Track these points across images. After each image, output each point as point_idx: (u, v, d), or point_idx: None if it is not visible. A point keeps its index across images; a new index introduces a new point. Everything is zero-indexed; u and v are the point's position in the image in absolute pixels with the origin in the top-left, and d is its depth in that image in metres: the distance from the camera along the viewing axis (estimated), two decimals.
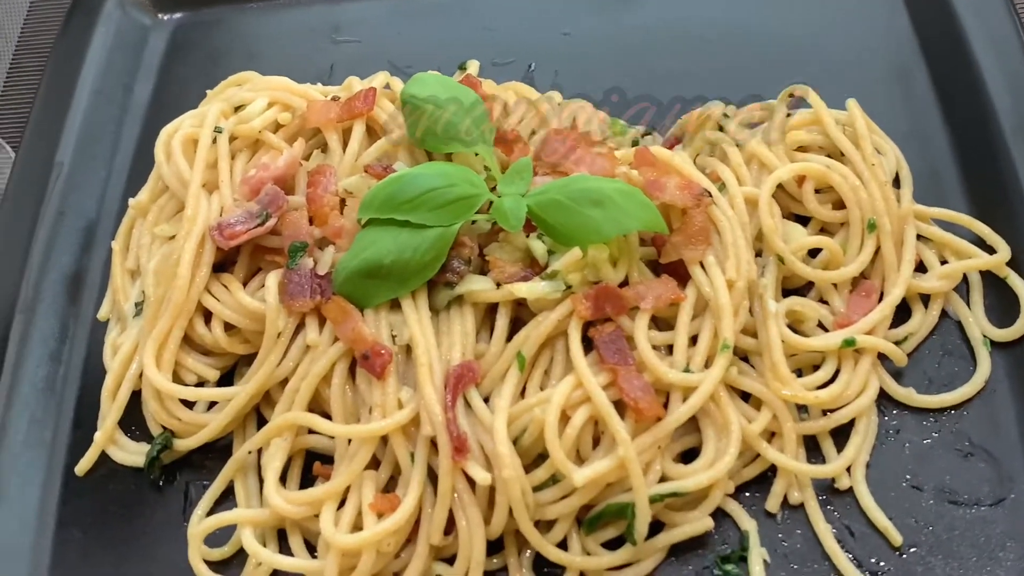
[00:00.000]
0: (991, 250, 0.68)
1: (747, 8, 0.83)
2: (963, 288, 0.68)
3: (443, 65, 0.79)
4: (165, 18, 0.88)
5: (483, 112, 0.68)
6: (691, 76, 0.78)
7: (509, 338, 0.63)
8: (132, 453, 0.67)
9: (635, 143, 0.73)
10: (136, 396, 0.67)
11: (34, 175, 0.77)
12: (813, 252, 0.68)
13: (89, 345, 0.71)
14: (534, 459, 0.61)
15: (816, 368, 0.65)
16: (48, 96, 0.81)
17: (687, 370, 0.62)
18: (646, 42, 0.82)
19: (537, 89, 0.78)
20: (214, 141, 0.71)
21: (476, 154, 0.67)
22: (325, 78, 0.81)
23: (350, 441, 0.62)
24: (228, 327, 0.67)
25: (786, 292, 0.67)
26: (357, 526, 0.60)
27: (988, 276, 0.68)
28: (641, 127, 0.75)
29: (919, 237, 0.68)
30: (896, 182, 0.71)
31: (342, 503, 0.61)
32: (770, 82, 0.75)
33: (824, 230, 0.69)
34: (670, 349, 0.63)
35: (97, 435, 0.66)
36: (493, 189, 0.65)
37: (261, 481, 0.64)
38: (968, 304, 0.67)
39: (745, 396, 0.64)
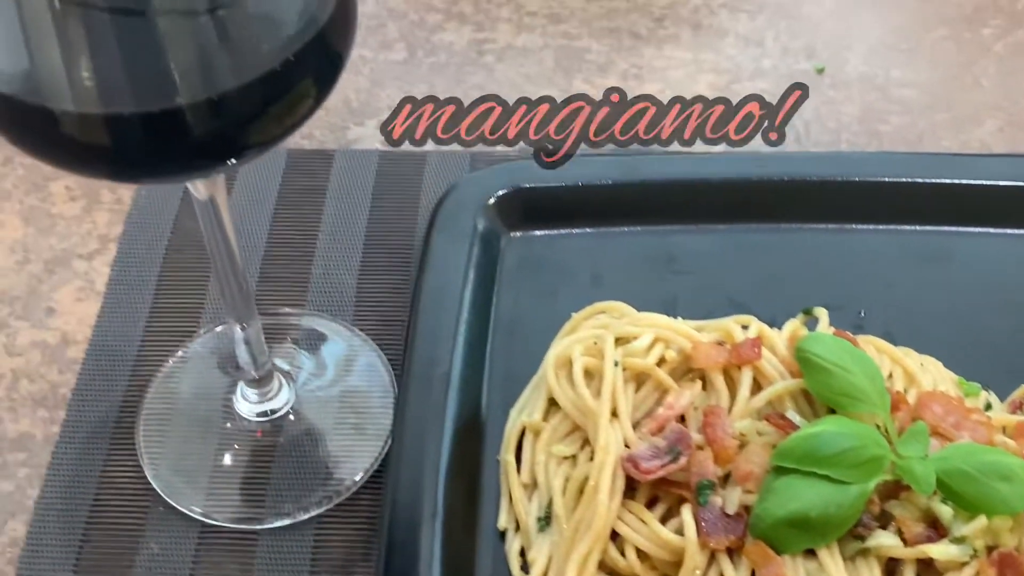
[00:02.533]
0: None
1: None
2: None
3: (778, 304, 0.87)
4: (514, 235, 0.96)
5: (881, 377, 0.76)
6: (1016, 336, 0.87)
7: None
8: None
9: (988, 406, 0.81)
10: None
11: (422, 383, 0.84)
12: None
13: (492, 550, 0.77)
14: None
15: None
16: (421, 306, 0.88)
17: None
18: (961, 299, 0.90)
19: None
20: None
21: (871, 413, 0.75)
22: (670, 309, 0.88)
23: None
24: (640, 553, 0.74)
25: None
26: None
27: None
28: (989, 390, 0.83)
29: None
30: None
31: None
32: None
33: None
34: None
35: None
36: (891, 449, 0.73)
37: None
38: None
39: None
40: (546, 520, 0.77)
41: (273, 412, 0.85)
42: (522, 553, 0.77)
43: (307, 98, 0.61)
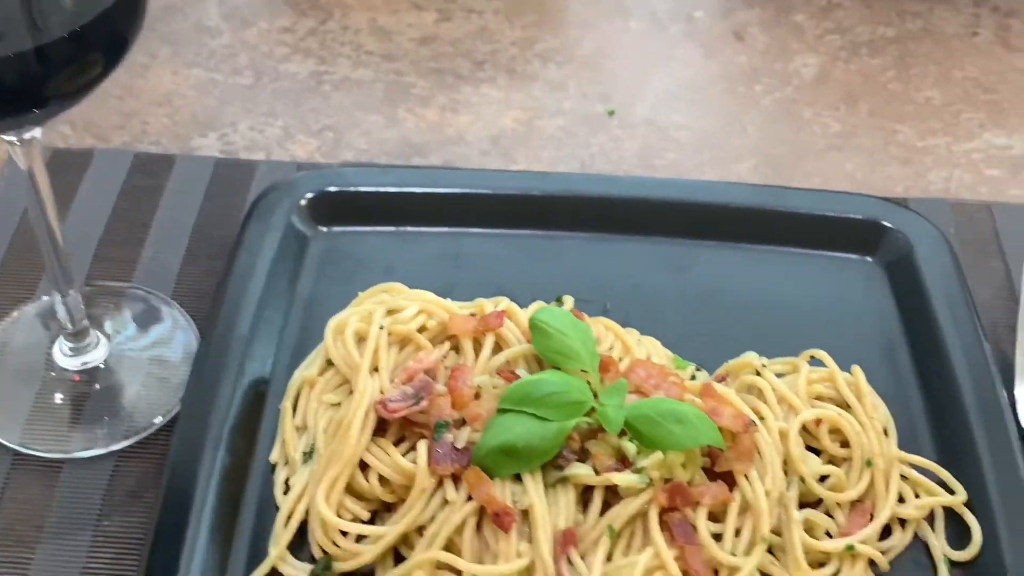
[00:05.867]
0: (951, 491, 0.91)
1: (771, 285, 1.07)
2: (931, 518, 0.91)
3: (539, 294, 1.02)
4: (322, 230, 1.10)
5: (593, 341, 0.91)
6: (726, 330, 1.03)
7: (602, 513, 0.84)
8: (298, 570, 0.85)
9: (692, 377, 0.96)
10: (301, 525, 0.87)
11: (220, 344, 0.97)
12: (823, 477, 0.90)
13: (262, 481, 0.91)
14: None
15: (822, 565, 0.86)
16: (230, 281, 1.02)
17: (733, 554, 0.83)
18: (694, 299, 1.06)
19: None
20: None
21: (583, 371, 0.90)
22: (447, 293, 1.03)
23: None
24: (381, 479, 0.87)
25: (802, 505, 0.89)
26: None
27: (948, 511, 0.91)
28: (695, 364, 0.98)
29: (901, 476, 0.92)
30: (884, 432, 0.95)
31: None
32: (789, 342, 0.99)
33: (831, 462, 0.92)
34: (718, 537, 0.85)
35: (272, 552, 0.85)
36: (596, 399, 0.88)
37: None
38: (933, 530, 0.90)
39: None
40: (309, 454, 0.90)
41: (89, 364, 0.98)
42: (287, 484, 0.90)
43: (93, 67, 0.75)
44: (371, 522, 0.87)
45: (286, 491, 0.90)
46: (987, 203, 1.18)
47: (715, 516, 0.86)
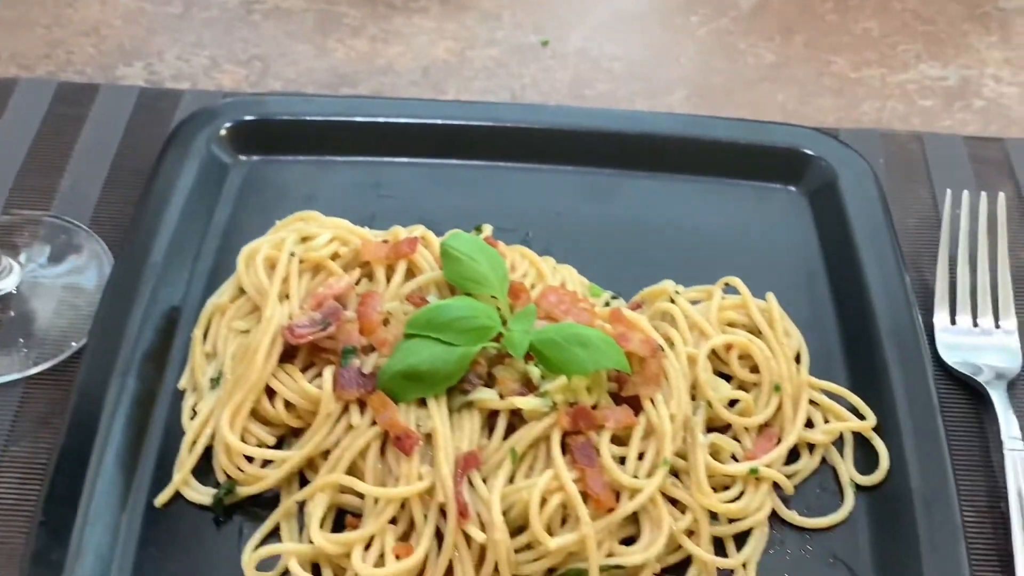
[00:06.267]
0: (862, 417, 0.92)
1: (695, 214, 1.07)
2: (839, 443, 0.91)
3: (461, 223, 1.01)
4: (243, 159, 1.09)
5: (503, 267, 0.91)
6: (647, 258, 1.02)
7: (505, 437, 0.84)
8: (201, 494, 0.85)
9: (607, 304, 0.96)
10: (207, 450, 0.87)
11: (132, 271, 0.96)
12: (732, 402, 0.91)
13: (169, 407, 0.90)
14: (515, 529, 0.82)
15: (727, 488, 0.87)
16: (145, 209, 1.01)
17: (635, 476, 0.83)
18: (616, 228, 1.06)
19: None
20: (288, 262, 0.93)
21: (493, 296, 0.90)
22: (368, 223, 1.02)
23: (377, 501, 0.82)
24: (287, 405, 0.87)
25: (710, 429, 0.90)
26: (380, 565, 0.80)
27: (858, 436, 0.91)
28: (609, 291, 0.98)
29: (810, 401, 0.92)
30: (797, 358, 0.95)
31: (367, 547, 0.81)
32: (709, 270, 0.99)
33: (741, 387, 0.92)
34: (622, 460, 0.85)
35: (176, 477, 0.85)
36: (505, 324, 0.87)
37: (300, 526, 0.83)
38: (842, 455, 0.90)
39: (674, 502, 0.85)
40: (217, 381, 0.90)
41: (1, 291, 0.97)
42: (195, 410, 0.90)
43: None
44: (279, 448, 0.87)
45: (193, 417, 0.89)
46: (919, 133, 1.17)
47: (621, 441, 0.86)
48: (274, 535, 0.84)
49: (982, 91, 1.24)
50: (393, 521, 0.82)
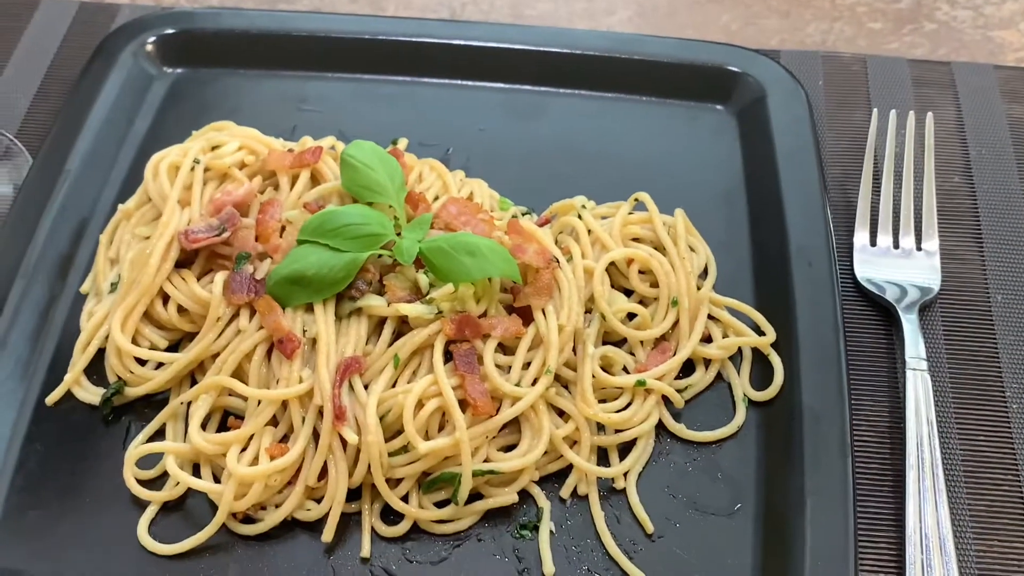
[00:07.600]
0: (763, 334, 0.91)
1: (621, 133, 1.05)
2: (738, 359, 0.90)
3: (380, 138, 1.01)
4: (168, 71, 1.09)
5: (401, 176, 0.90)
6: (568, 176, 1.01)
7: (391, 344, 0.84)
8: (91, 394, 0.86)
9: (515, 217, 0.95)
10: (100, 352, 0.88)
11: (47, 177, 0.97)
12: (631, 316, 0.90)
13: (70, 310, 0.91)
14: (393, 433, 0.82)
15: (616, 399, 0.86)
16: (66, 118, 1.02)
17: (518, 385, 0.83)
18: (541, 145, 1.05)
19: (450, 168, 1.00)
20: (192, 169, 0.93)
21: (390, 206, 0.89)
22: (288, 136, 1.02)
23: (259, 403, 0.83)
24: (181, 309, 0.88)
25: (607, 342, 0.89)
26: (255, 464, 0.80)
27: (756, 352, 0.90)
28: (523, 207, 0.97)
29: (711, 317, 0.91)
30: (704, 274, 0.94)
31: (245, 448, 0.82)
32: (630, 188, 0.97)
33: (642, 302, 0.91)
34: (509, 369, 0.84)
35: (67, 376, 0.86)
36: (399, 234, 0.87)
37: (186, 427, 0.84)
38: (738, 371, 0.89)
39: (560, 412, 0.85)
40: (116, 285, 0.91)
41: None
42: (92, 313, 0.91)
43: None
44: (174, 351, 0.88)
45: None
46: (862, 56, 1.15)
47: (512, 351, 0.86)
48: (160, 435, 0.85)
49: (935, 14, 1.20)
50: (276, 425, 0.83)
